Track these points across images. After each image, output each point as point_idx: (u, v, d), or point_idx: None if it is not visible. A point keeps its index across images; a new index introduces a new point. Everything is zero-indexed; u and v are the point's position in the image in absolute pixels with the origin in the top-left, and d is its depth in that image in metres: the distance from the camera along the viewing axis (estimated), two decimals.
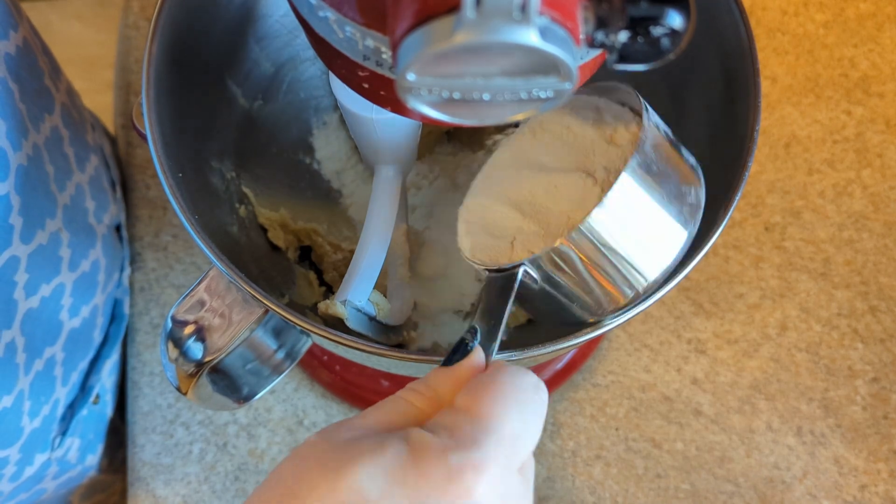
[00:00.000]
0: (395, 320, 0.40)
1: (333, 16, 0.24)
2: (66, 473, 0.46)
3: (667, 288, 0.31)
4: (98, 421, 0.48)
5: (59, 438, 0.44)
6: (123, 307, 0.48)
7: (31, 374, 0.40)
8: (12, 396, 0.38)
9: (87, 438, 0.47)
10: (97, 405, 0.47)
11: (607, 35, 0.20)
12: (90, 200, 0.44)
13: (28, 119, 0.36)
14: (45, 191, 0.38)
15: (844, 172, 0.53)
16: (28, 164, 0.36)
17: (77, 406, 0.45)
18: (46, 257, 0.39)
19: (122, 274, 0.49)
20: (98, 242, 0.44)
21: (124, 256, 0.49)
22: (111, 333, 0.47)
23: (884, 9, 0.57)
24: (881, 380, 0.49)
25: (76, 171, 0.42)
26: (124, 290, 0.49)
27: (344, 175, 0.47)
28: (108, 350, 0.47)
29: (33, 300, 0.39)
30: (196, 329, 0.32)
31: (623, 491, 0.46)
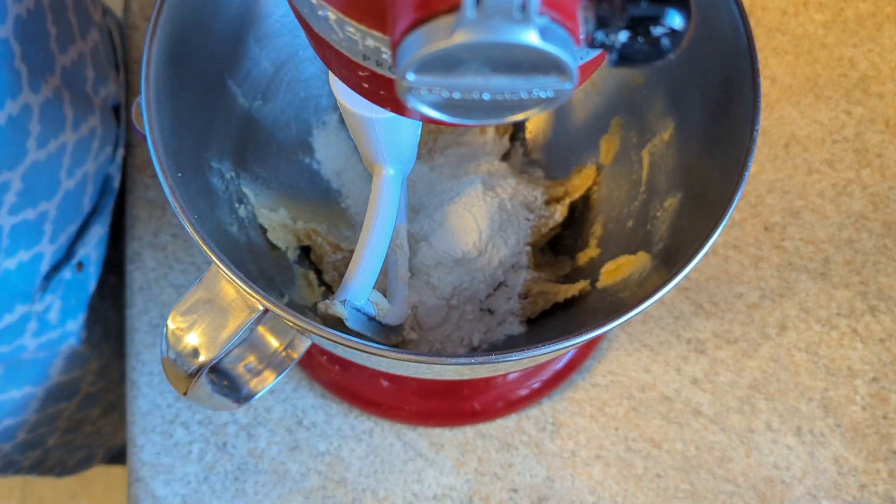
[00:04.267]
0: (394, 320, 0.40)
1: (333, 15, 0.24)
2: (45, 333, 0.47)
3: (667, 288, 0.31)
4: (80, 289, 0.49)
5: (40, 294, 0.45)
6: (114, 182, 0.49)
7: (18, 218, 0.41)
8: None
9: (69, 303, 0.48)
10: (81, 273, 0.48)
11: (607, 35, 0.20)
12: (90, 70, 0.44)
13: None
14: (45, 47, 0.39)
15: (844, 172, 0.53)
16: (27, 17, 0.36)
17: (61, 267, 0.46)
18: (54, 111, 0.40)
19: (117, 151, 0.50)
20: (96, 112, 0.45)
21: (119, 135, 0.50)
22: (101, 205, 0.48)
23: (883, 9, 0.57)
24: (881, 380, 0.49)
25: (78, 39, 0.42)
26: (116, 166, 0.50)
27: (344, 175, 0.47)
28: (96, 219, 0.48)
29: (41, 153, 0.40)
30: (195, 329, 0.32)
31: (623, 491, 0.46)
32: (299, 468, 0.47)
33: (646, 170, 0.42)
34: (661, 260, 0.37)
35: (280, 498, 0.46)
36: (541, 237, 0.45)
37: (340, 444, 0.47)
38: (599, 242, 0.44)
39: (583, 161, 0.46)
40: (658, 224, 0.40)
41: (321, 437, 0.47)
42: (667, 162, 0.41)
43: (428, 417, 0.47)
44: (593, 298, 0.41)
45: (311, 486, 0.46)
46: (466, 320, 0.43)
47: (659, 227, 0.39)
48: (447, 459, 0.47)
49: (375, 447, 0.47)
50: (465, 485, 0.47)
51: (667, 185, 0.40)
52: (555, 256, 0.46)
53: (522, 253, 0.44)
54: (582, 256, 0.45)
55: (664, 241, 0.38)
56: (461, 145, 0.47)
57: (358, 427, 0.48)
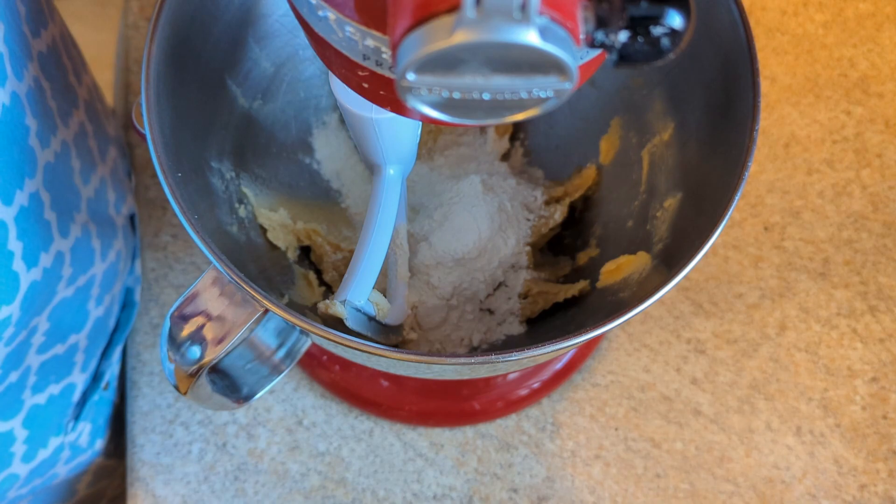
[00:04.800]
0: (394, 320, 0.40)
1: (333, 15, 0.24)
2: (77, 458, 0.47)
3: (667, 288, 0.31)
4: (107, 406, 0.48)
5: (73, 423, 0.45)
6: (135, 295, 0.49)
7: (47, 355, 0.40)
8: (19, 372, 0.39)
9: (97, 423, 0.48)
10: (107, 391, 0.47)
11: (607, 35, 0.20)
12: (111, 192, 0.44)
13: (58, 116, 0.36)
14: (70, 185, 0.38)
15: (844, 172, 0.53)
16: (55, 161, 0.36)
17: (90, 392, 0.46)
18: (83, 250, 0.39)
19: (135, 262, 0.49)
20: (119, 233, 0.45)
21: (136, 245, 0.50)
22: (122, 320, 0.48)
23: (883, 9, 0.57)
24: (880, 379, 0.49)
25: (99, 164, 0.42)
26: (136, 278, 0.49)
27: (344, 175, 0.47)
28: (118, 336, 0.48)
29: (70, 290, 0.39)
30: (195, 329, 0.32)
31: (622, 491, 0.46)
32: (299, 468, 0.47)
33: (646, 170, 0.42)
34: (661, 260, 0.37)
35: (280, 498, 0.46)
36: (541, 237, 0.45)
37: (340, 444, 0.47)
38: (599, 242, 0.44)
39: (583, 161, 0.46)
40: (658, 224, 0.40)
41: (321, 437, 0.47)
42: (667, 162, 0.41)
43: (428, 417, 0.47)
44: (593, 298, 0.41)
45: (311, 486, 0.46)
46: (466, 320, 0.43)
47: (659, 227, 0.39)
48: (447, 459, 0.47)
49: (375, 447, 0.47)
50: (465, 485, 0.47)
51: (667, 185, 0.40)
52: (555, 256, 0.46)
53: (522, 253, 0.44)
54: (582, 256, 0.45)
55: (664, 241, 0.38)
56: (461, 145, 0.47)
57: (358, 427, 0.48)
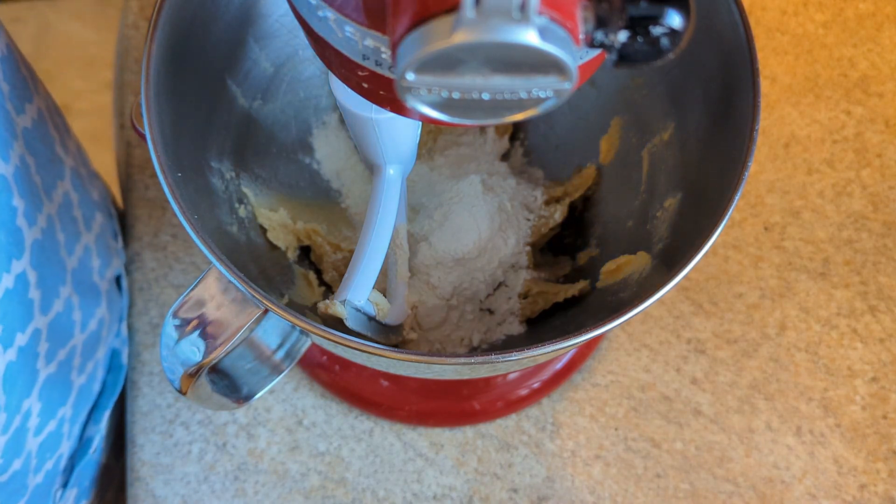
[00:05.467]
0: (394, 320, 0.40)
1: (333, 16, 0.24)
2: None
3: (667, 287, 0.31)
4: (93, 467, 0.48)
5: (61, 491, 0.44)
6: (121, 357, 0.48)
7: (42, 436, 0.40)
8: (21, 459, 0.38)
9: (84, 486, 0.47)
10: (94, 454, 0.47)
11: (607, 35, 0.20)
12: (96, 259, 0.43)
13: (42, 190, 0.36)
14: (57, 259, 0.38)
15: (844, 172, 0.53)
16: (42, 238, 0.36)
17: (77, 458, 0.45)
18: (62, 324, 0.39)
19: (121, 324, 0.48)
20: (103, 300, 0.44)
21: (123, 306, 0.49)
22: (108, 383, 0.47)
23: (883, 9, 0.57)
24: (880, 379, 0.49)
25: (84, 233, 0.41)
26: (123, 340, 0.48)
27: (344, 175, 0.47)
28: (105, 400, 0.47)
29: (52, 366, 0.39)
30: (195, 329, 0.32)
31: (623, 491, 0.46)
32: (299, 468, 0.47)
33: (646, 170, 0.42)
34: (661, 260, 0.37)
35: (280, 498, 0.46)
36: (541, 237, 0.45)
37: (340, 444, 0.47)
38: (599, 242, 0.44)
39: (583, 161, 0.46)
40: (658, 224, 0.40)
41: (321, 437, 0.47)
42: (667, 162, 0.41)
43: (428, 417, 0.47)
44: (593, 298, 0.41)
45: (311, 486, 0.46)
46: (466, 320, 0.43)
47: (659, 227, 0.39)
48: (447, 459, 0.47)
49: (375, 447, 0.47)
50: (465, 485, 0.47)
51: (667, 185, 0.40)
52: (555, 256, 0.46)
53: (522, 253, 0.44)
54: (582, 256, 0.45)
55: (664, 241, 0.38)
56: (461, 145, 0.47)
57: (358, 427, 0.48)
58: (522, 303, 0.44)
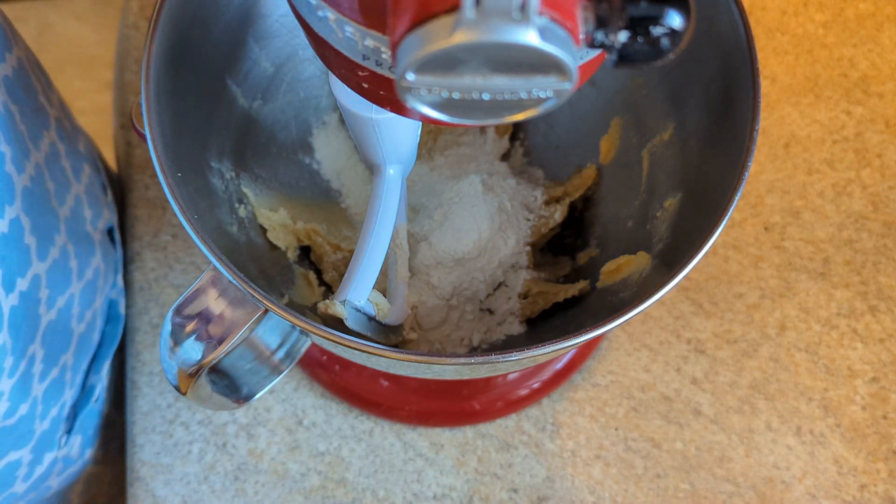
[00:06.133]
0: (394, 320, 0.40)
1: (333, 16, 0.24)
2: (68, 469, 0.47)
3: (667, 288, 0.31)
4: (96, 417, 0.49)
5: (65, 437, 0.45)
6: (119, 307, 0.49)
7: (47, 381, 0.41)
8: (28, 404, 0.39)
9: (87, 434, 0.48)
10: (96, 403, 0.48)
11: (607, 35, 0.20)
12: (87, 209, 0.44)
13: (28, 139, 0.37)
14: (48, 207, 0.39)
15: (844, 172, 0.53)
16: (32, 185, 0.36)
17: (80, 406, 0.46)
18: (60, 271, 0.40)
19: (117, 275, 0.49)
20: (97, 249, 0.45)
21: (117, 258, 0.49)
22: (107, 334, 0.48)
23: (883, 9, 0.57)
24: (880, 380, 0.49)
25: (73, 183, 0.42)
26: (119, 290, 0.49)
27: (344, 175, 0.47)
28: (105, 350, 0.48)
29: (52, 313, 0.40)
30: (195, 329, 0.32)
31: (623, 491, 0.46)
32: (299, 468, 0.47)
33: (646, 170, 0.42)
34: (661, 260, 0.37)
35: (280, 498, 0.46)
36: (541, 237, 0.45)
37: (340, 444, 0.47)
38: (599, 242, 0.44)
39: (583, 161, 0.46)
40: (658, 224, 0.40)
41: (321, 437, 0.47)
42: (667, 162, 0.41)
43: (428, 417, 0.47)
44: (593, 298, 0.41)
45: (311, 486, 0.46)
46: (466, 320, 0.43)
47: (659, 227, 0.39)
48: (447, 459, 0.47)
49: (375, 447, 0.47)
50: (465, 485, 0.47)
51: (667, 185, 0.40)
52: (555, 256, 0.46)
53: (522, 253, 0.44)
54: (582, 256, 0.45)
55: (664, 241, 0.38)
56: (461, 145, 0.47)
57: (358, 427, 0.48)
58: (522, 303, 0.44)
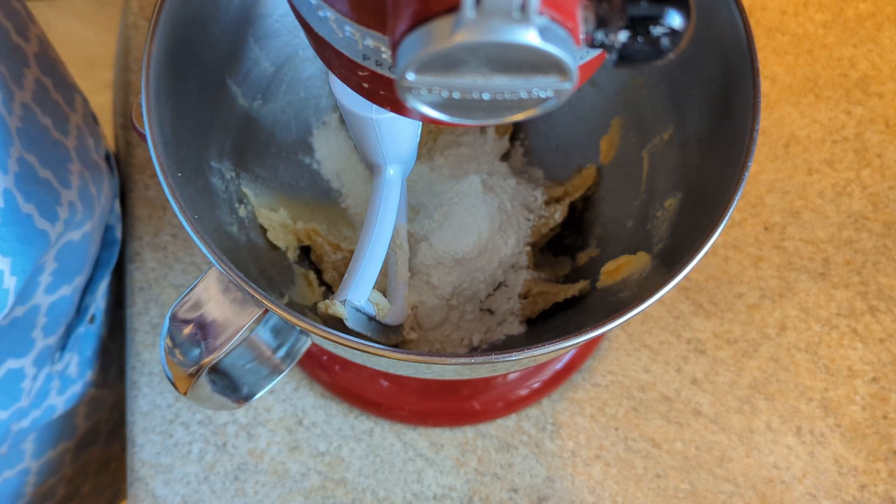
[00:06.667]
0: (394, 320, 0.40)
1: (333, 15, 0.24)
2: (69, 389, 0.48)
3: (667, 288, 0.31)
4: (94, 339, 0.49)
5: (59, 353, 0.46)
6: (115, 232, 0.50)
7: (54, 296, 0.42)
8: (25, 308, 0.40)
9: (86, 355, 0.49)
10: (92, 324, 0.49)
11: (607, 35, 0.20)
12: (89, 137, 0.45)
13: (10, 80, 0.37)
14: (51, 140, 0.39)
15: (844, 172, 0.53)
16: (24, 125, 0.37)
17: (73, 324, 0.47)
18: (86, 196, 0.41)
19: (115, 201, 0.50)
20: (105, 175, 0.46)
21: (115, 184, 0.50)
22: (103, 257, 0.49)
23: (883, 9, 0.57)
24: (880, 380, 0.49)
25: (70, 113, 0.43)
26: (116, 216, 0.50)
27: (344, 175, 0.47)
28: (101, 272, 0.48)
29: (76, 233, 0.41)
30: (195, 329, 0.32)
31: (623, 491, 0.46)
32: (299, 468, 0.47)
33: (646, 170, 0.42)
34: (661, 260, 0.37)
35: (280, 498, 0.46)
36: (541, 237, 0.45)
37: (340, 444, 0.47)
38: (599, 242, 0.44)
39: (583, 161, 0.46)
40: (658, 224, 0.40)
41: (321, 437, 0.47)
42: (667, 162, 0.41)
43: (428, 417, 0.47)
44: (593, 298, 0.41)
45: (311, 486, 0.46)
46: (466, 320, 0.43)
47: (659, 227, 0.39)
48: (447, 459, 0.47)
49: (375, 447, 0.47)
50: (465, 485, 0.47)
51: (667, 185, 0.40)
52: (555, 256, 0.46)
53: (522, 253, 0.44)
54: (582, 256, 0.45)
55: (664, 241, 0.38)
56: (461, 145, 0.47)
57: (358, 427, 0.48)
58: (522, 303, 0.44)
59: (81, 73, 0.94)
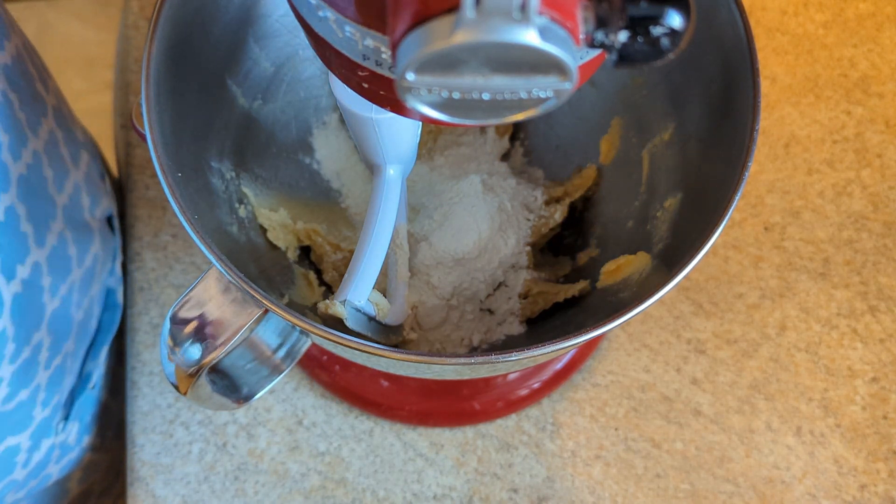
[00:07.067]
0: (394, 320, 0.40)
1: (333, 16, 0.24)
2: (66, 456, 0.48)
3: (667, 288, 0.31)
4: (93, 404, 0.49)
5: (63, 423, 0.45)
6: (116, 296, 0.49)
7: (51, 370, 0.41)
8: (29, 390, 0.40)
9: (85, 421, 0.48)
10: (93, 390, 0.48)
11: (607, 35, 0.20)
12: (86, 196, 0.44)
13: (27, 127, 0.37)
14: (45, 195, 0.39)
15: (844, 172, 0.53)
16: (28, 173, 0.37)
17: (77, 392, 0.46)
18: (60, 258, 0.40)
19: (115, 263, 0.49)
20: (95, 237, 0.45)
21: (116, 246, 0.50)
22: (104, 321, 0.49)
23: (883, 9, 0.57)
24: (881, 380, 0.49)
25: (72, 169, 0.42)
26: (117, 279, 0.49)
27: (344, 175, 0.47)
28: (102, 337, 0.48)
29: (55, 301, 0.40)
30: (195, 329, 0.32)
31: (623, 491, 0.46)
32: (299, 468, 0.47)
33: (646, 170, 0.42)
34: (661, 260, 0.37)
35: (280, 498, 0.46)
36: (541, 237, 0.45)
37: (340, 444, 0.47)
38: (599, 242, 0.44)
39: (583, 161, 0.46)
40: (658, 224, 0.40)
41: (321, 437, 0.47)
42: (667, 162, 0.41)
43: (428, 417, 0.47)
44: (593, 298, 0.41)
45: (311, 486, 0.46)
46: (466, 320, 0.43)
47: (659, 227, 0.39)
48: (447, 459, 0.47)
49: (375, 447, 0.47)
50: (465, 485, 0.47)
51: (667, 185, 0.40)
52: (555, 256, 0.46)
53: (522, 253, 0.44)
54: (582, 256, 0.45)
55: (664, 241, 0.38)
56: (461, 145, 0.47)
57: (358, 427, 0.48)
58: (522, 303, 0.44)
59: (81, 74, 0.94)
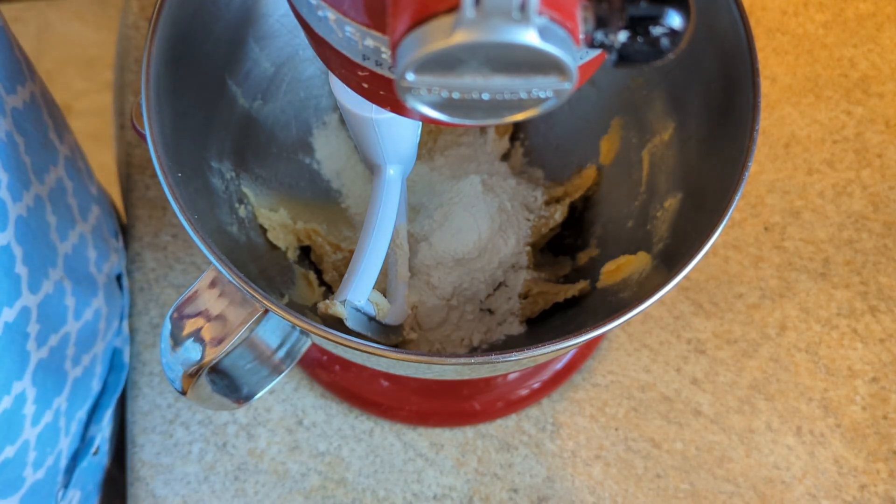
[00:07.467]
0: (394, 320, 0.40)
1: (333, 15, 0.24)
2: None
3: (667, 288, 0.31)
4: (96, 471, 0.47)
5: (63, 491, 0.44)
6: (123, 356, 0.48)
7: (40, 426, 0.39)
8: (15, 447, 0.38)
9: (87, 489, 0.47)
10: (96, 456, 0.46)
11: (607, 35, 0.20)
12: (92, 250, 0.44)
13: (32, 171, 0.37)
14: (46, 241, 0.38)
15: (844, 172, 0.53)
16: (28, 215, 0.36)
17: (79, 457, 0.45)
18: (54, 307, 0.39)
19: (122, 322, 0.48)
20: (100, 291, 0.44)
21: (124, 305, 0.49)
22: (109, 382, 0.47)
23: (884, 9, 0.57)
24: (881, 380, 0.49)
25: (79, 221, 0.42)
26: (124, 338, 0.48)
27: (344, 175, 0.47)
28: (106, 400, 0.47)
29: (43, 350, 0.39)
30: (195, 329, 0.32)
31: (623, 491, 0.46)
32: (299, 468, 0.47)
33: (646, 170, 0.42)
34: (661, 260, 0.37)
35: (280, 498, 0.46)
36: (541, 237, 0.45)
37: (340, 444, 0.47)
38: (599, 242, 0.44)
39: (583, 161, 0.46)
40: (658, 224, 0.40)
41: (321, 437, 0.47)
42: (667, 162, 0.41)
43: (428, 417, 0.47)
44: (593, 298, 0.41)
45: (311, 486, 0.46)
46: (466, 320, 0.43)
47: (659, 227, 0.39)
48: (447, 459, 0.47)
49: (375, 447, 0.47)
50: (465, 485, 0.47)
51: (667, 185, 0.40)
52: (555, 256, 0.46)
53: (522, 253, 0.44)
54: (582, 256, 0.45)
55: (664, 241, 0.38)
56: (461, 145, 0.47)
57: (358, 427, 0.48)
58: (522, 303, 0.44)
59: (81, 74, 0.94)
